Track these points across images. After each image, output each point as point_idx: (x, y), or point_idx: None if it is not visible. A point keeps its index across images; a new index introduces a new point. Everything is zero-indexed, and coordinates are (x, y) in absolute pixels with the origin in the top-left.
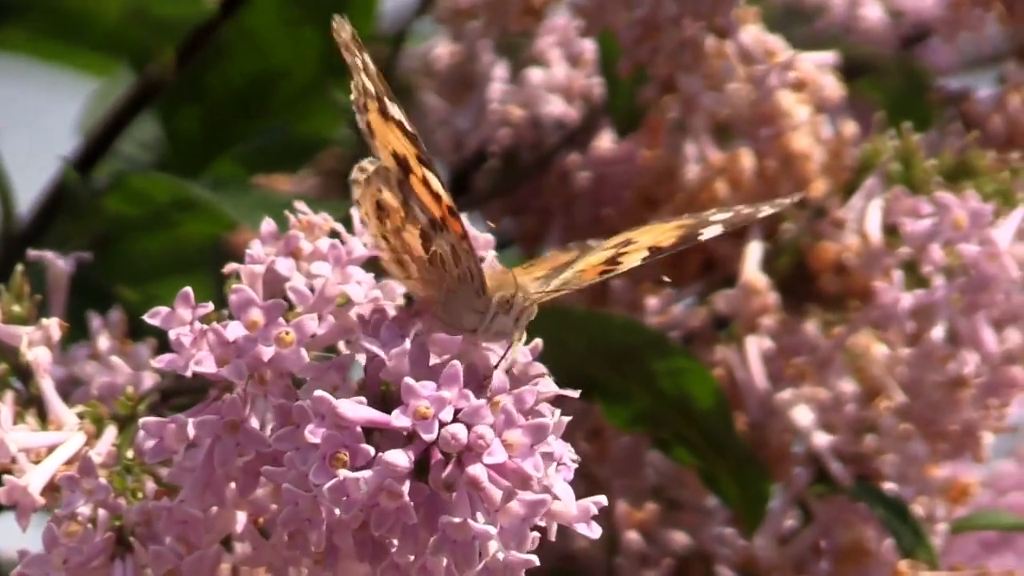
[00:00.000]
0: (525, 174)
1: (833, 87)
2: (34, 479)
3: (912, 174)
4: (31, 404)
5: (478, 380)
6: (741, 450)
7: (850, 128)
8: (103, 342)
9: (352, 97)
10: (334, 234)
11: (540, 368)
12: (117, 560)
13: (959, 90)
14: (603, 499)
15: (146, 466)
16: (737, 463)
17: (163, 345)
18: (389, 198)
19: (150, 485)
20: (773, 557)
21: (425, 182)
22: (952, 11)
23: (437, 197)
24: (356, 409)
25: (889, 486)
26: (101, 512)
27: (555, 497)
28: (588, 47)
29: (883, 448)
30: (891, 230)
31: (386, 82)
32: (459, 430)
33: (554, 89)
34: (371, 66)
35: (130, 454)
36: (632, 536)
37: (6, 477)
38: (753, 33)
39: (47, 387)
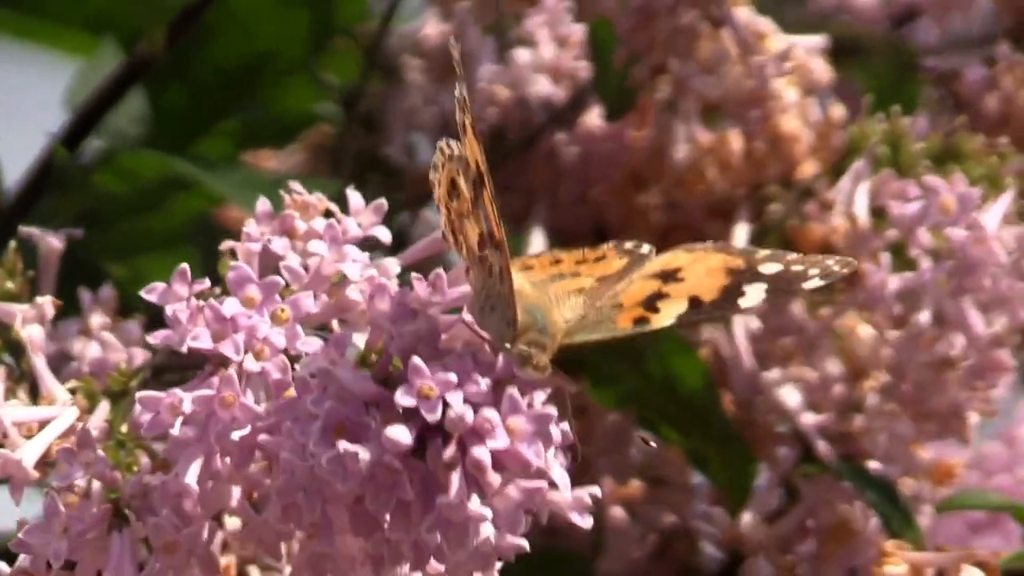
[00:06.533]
0: (511, 153)
1: (822, 70)
2: (28, 452)
3: (900, 157)
4: (22, 380)
5: (484, 365)
6: (728, 430)
7: (838, 111)
8: (95, 318)
9: (457, 94)
10: (328, 214)
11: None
12: (114, 532)
13: (949, 71)
14: (597, 490)
15: (140, 441)
16: (723, 443)
17: (152, 322)
18: (463, 186)
19: (144, 460)
20: (759, 536)
21: (492, 202)
22: None
23: (498, 223)
24: (360, 383)
25: (875, 465)
26: (96, 484)
27: (552, 484)
28: (576, 28)
29: (869, 428)
30: (878, 212)
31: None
32: (467, 412)
33: (541, 70)
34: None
35: (123, 429)
36: (617, 512)
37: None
38: (744, 15)
39: (40, 363)
